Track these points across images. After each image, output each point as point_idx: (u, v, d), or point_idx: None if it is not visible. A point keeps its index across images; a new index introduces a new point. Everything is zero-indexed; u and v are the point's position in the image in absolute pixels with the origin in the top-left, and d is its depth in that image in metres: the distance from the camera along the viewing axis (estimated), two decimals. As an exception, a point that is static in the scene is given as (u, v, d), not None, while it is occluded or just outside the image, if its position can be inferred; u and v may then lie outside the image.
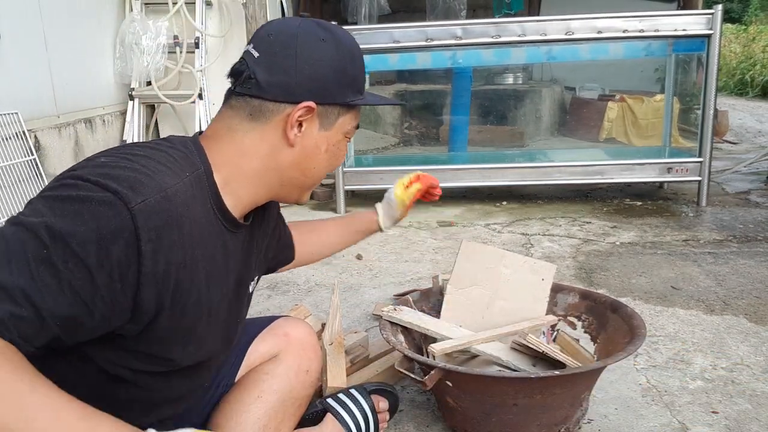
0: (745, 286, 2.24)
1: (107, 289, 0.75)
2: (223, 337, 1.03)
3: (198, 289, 0.88)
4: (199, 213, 0.87)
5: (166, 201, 0.80)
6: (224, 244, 0.95)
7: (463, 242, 1.67)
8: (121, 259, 0.75)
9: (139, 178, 0.79)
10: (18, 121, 2.73)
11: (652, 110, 5.31)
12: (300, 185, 1.03)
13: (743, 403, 1.51)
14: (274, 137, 0.96)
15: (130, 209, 0.75)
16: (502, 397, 1.27)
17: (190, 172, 0.88)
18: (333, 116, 0.98)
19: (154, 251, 0.78)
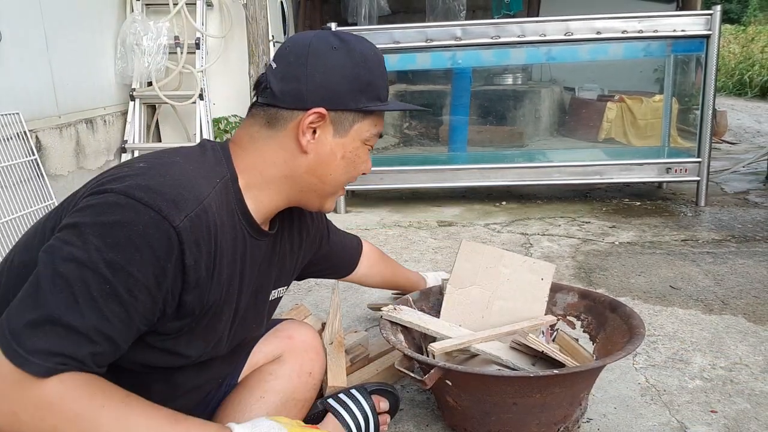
0: (743, 286, 2.25)
1: (164, 300, 0.83)
2: (239, 336, 1.07)
3: (220, 291, 0.92)
4: (226, 219, 0.91)
5: (204, 213, 0.85)
6: (245, 249, 0.98)
7: (462, 242, 1.68)
8: (173, 273, 0.82)
9: (179, 192, 0.83)
10: (19, 121, 2.74)
11: (651, 110, 5.31)
12: (319, 192, 1.03)
13: (742, 402, 1.52)
14: (290, 144, 0.98)
15: (176, 228, 0.80)
16: (502, 396, 1.27)
17: (220, 178, 0.92)
18: (347, 122, 1.00)
19: (196, 261, 0.84)
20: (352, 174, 1.04)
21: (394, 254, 2.74)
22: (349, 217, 3.40)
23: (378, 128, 1.05)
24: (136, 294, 0.79)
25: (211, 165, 0.94)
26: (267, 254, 1.07)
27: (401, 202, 3.69)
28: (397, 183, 3.53)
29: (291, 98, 0.96)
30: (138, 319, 0.81)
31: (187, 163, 0.90)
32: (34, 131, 2.88)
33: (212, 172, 0.92)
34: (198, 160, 0.93)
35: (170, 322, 0.88)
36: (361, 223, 3.28)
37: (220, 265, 0.90)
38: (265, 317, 1.16)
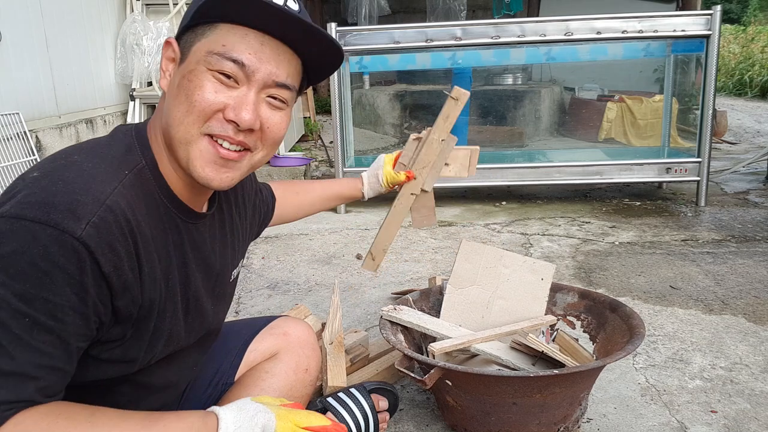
0: (743, 286, 2.25)
1: (95, 313, 0.77)
2: (198, 327, 1.01)
3: (156, 288, 0.86)
4: (146, 211, 0.84)
5: (110, 212, 0.77)
6: (181, 237, 0.92)
7: (462, 242, 1.68)
8: (94, 285, 0.75)
9: (75, 198, 0.75)
10: (19, 121, 2.74)
11: (651, 110, 5.31)
12: (170, 140, 0.87)
13: (742, 402, 1.52)
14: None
15: (79, 239, 0.73)
16: (502, 396, 1.27)
17: (129, 169, 0.84)
18: (188, 45, 0.86)
19: (116, 266, 0.77)
20: (186, 105, 0.83)
21: (394, 254, 2.74)
22: (349, 217, 3.40)
23: (221, 46, 0.83)
24: (61, 317, 0.73)
25: (118, 156, 0.85)
26: (216, 235, 1.01)
27: (401, 202, 3.68)
28: (397, 183, 3.52)
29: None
30: (74, 339, 0.76)
31: (86, 161, 0.81)
32: (35, 131, 2.88)
33: (120, 164, 0.83)
34: (101, 154, 0.84)
35: (112, 329, 0.82)
36: (361, 223, 3.28)
37: (149, 261, 0.83)
38: (229, 298, 1.12)
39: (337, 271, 2.54)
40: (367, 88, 6.19)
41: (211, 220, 1.00)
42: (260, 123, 0.87)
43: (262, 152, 0.91)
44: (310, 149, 5.21)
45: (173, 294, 0.91)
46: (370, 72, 5.95)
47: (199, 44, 0.84)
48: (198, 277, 0.97)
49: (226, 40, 0.83)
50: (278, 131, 0.90)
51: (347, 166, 3.53)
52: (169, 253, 0.89)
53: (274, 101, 0.88)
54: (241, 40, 0.83)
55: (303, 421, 0.91)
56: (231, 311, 2.14)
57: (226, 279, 1.07)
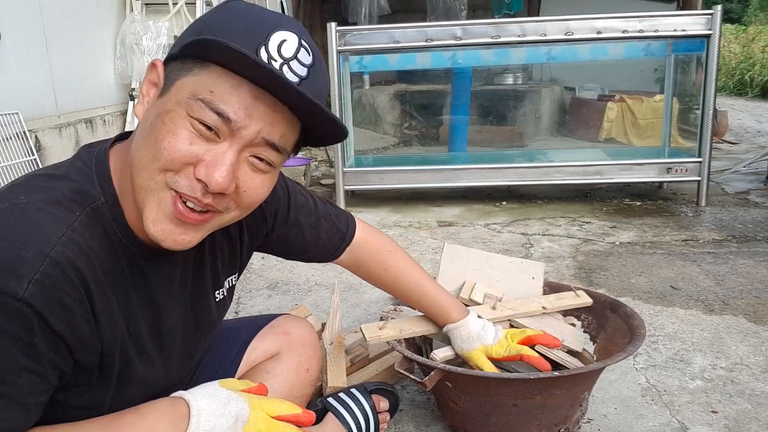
0: (744, 286, 2.24)
1: (53, 367, 0.73)
2: (180, 358, 0.96)
3: (119, 332, 0.80)
4: (102, 253, 0.76)
5: (55, 266, 0.69)
6: (146, 275, 0.84)
7: (445, 245, 1.66)
8: (46, 344, 0.70)
9: (15, 253, 0.68)
10: (18, 121, 2.73)
11: (652, 110, 5.31)
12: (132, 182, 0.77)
13: (743, 402, 1.52)
14: None
15: (21, 299, 0.67)
16: (502, 397, 1.27)
17: (81, 209, 0.75)
18: (173, 75, 0.75)
19: (68, 322, 0.71)
20: (153, 149, 0.73)
21: (394, 254, 2.73)
22: (349, 217, 3.39)
23: (209, 93, 0.71)
24: (13, 381, 0.69)
25: (70, 193, 0.76)
26: (190, 262, 0.93)
27: (401, 202, 3.68)
28: (397, 183, 3.52)
29: None
30: (31, 398, 0.71)
31: (32, 203, 0.73)
32: (34, 131, 2.88)
33: (72, 203, 0.75)
34: (51, 192, 0.75)
35: (78, 375, 0.77)
36: (361, 223, 3.27)
37: (106, 308, 0.77)
38: (215, 320, 1.04)
39: (337, 272, 2.53)
40: (367, 88, 6.19)
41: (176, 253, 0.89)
42: (236, 185, 0.75)
43: (236, 212, 0.80)
44: (310, 149, 5.20)
45: (138, 338, 0.84)
46: (370, 72, 5.95)
47: (184, 80, 0.73)
48: (172, 311, 0.91)
49: (216, 86, 0.71)
50: (256, 196, 0.79)
51: (347, 166, 3.53)
52: (129, 294, 0.82)
53: (258, 163, 0.76)
54: (231, 91, 0.71)
55: (274, 409, 0.89)
56: (231, 311, 2.14)
57: (208, 304, 1.00)
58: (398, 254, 1.32)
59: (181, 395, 0.85)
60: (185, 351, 0.98)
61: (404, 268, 1.31)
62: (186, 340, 0.97)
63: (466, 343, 1.31)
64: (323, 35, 3.31)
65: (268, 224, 1.12)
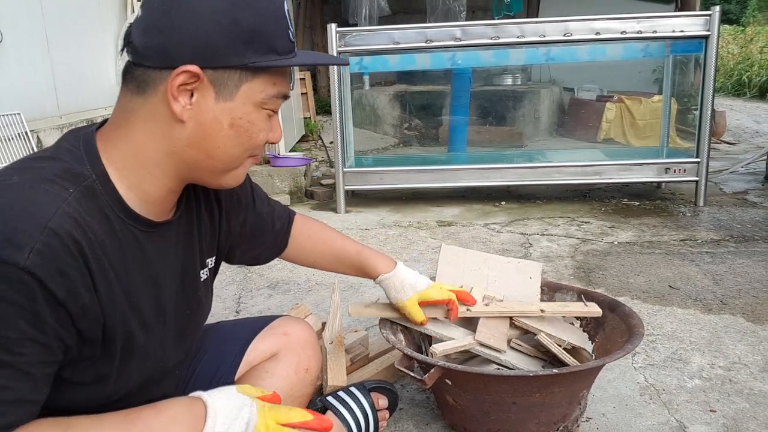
0: (742, 286, 2.26)
1: (57, 338, 0.74)
2: (173, 336, 0.98)
3: (116, 307, 0.82)
4: (98, 228, 0.79)
5: (54, 236, 0.72)
6: (140, 249, 0.87)
7: (442, 246, 1.67)
8: (49, 312, 0.72)
9: (13, 225, 0.70)
10: (20, 121, 2.74)
11: (650, 111, 5.33)
12: (209, 168, 0.87)
13: (741, 401, 1.52)
14: (163, 113, 0.81)
15: (23, 268, 0.69)
16: (501, 395, 1.28)
17: (74, 187, 0.78)
18: (232, 83, 0.81)
19: (69, 290, 0.73)
20: (247, 145, 0.87)
21: (393, 254, 2.74)
22: (349, 217, 3.40)
23: (278, 88, 0.85)
24: (19, 350, 0.70)
25: (61, 172, 0.78)
26: (181, 237, 0.97)
27: (401, 202, 3.69)
28: (397, 183, 3.53)
29: (156, 54, 0.79)
30: (37, 369, 0.73)
31: (25, 183, 0.75)
32: (36, 131, 2.89)
33: (65, 181, 0.77)
34: (42, 172, 0.77)
35: (82, 349, 0.79)
36: (361, 223, 3.29)
37: (105, 280, 0.79)
38: (205, 301, 1.08)
39: (337, 271, 2.54)
40: (367, 89, 6.20)
41: (177, 223, 0.96)
42: None
43: None
44: (311, 149, 5.21)
45: (138, 311, 0.87)
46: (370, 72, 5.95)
47: (248, 85, 0.83)
48: (167, 286, 0.94)
49: (276, 79, 0.86)
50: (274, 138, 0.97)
51: (347, 167, 3.54)
52: (128, 269, 0.84)
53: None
54: (283, 78, 0.88)
55: (283, 417, 0.89)
56: (231, 311, 2.15)
57: (197, 281, 1.03)
58: (318, 223, 1.41)
59: (199, 395, 0.86)
60: (178, 327, 0.99)
61: (328, 234, 1.38)
62: (178, 317, 0.99)
63: (400, 292, 1.34)
64: (323, 36, 3.32)
65: (242, 208, 1.18)
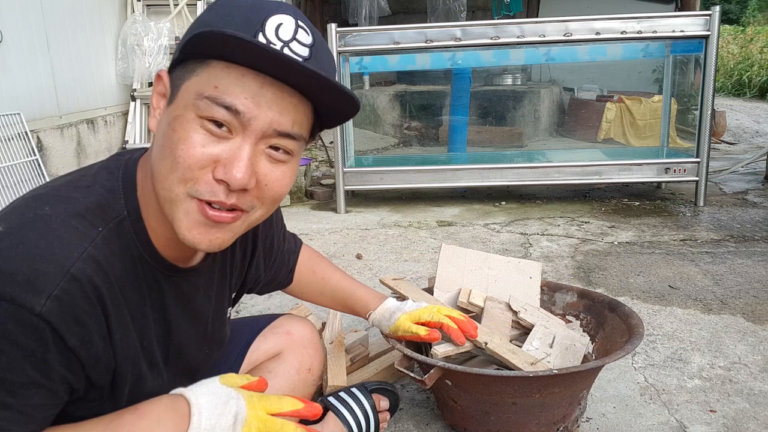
0: (742, 286, 2.26)
1: (64, 382, 0.73)
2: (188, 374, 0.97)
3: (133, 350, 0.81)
4: (121, 269, 0.76)
5: (74, 282, 0.69)
6: (162, 292, 0.84)
7: (443, 245, 1.67)
8: (59, 359, 0.70)
9: (36, 267, 0.67)
10: (20, 121, 2.74)
11: (650, 111, 5.33)
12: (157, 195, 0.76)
13: (741, 401, 1.52)
14: None
15: (39, 315, 0.66)
16: (501, 395, 1.28)
17: (104, 225, 0.75)
18: (178, 81, 0.74)
19: (83, 339, 0.71)
20: (168, 160, 0.72)
21: (393, 254, 2.74)
22: (349, 217, 3.40)
23: (213, 89, 0.70)
24: (23, 393, 0.68)
25: (95, 206, 0.75)
26: (213, 280, 0.95)
27: (401, 202, 3.69)
28: (397, 183, 3.53)
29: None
30: (39, 411, 0.71)
31: (56, 215, 0.72)
32: (35, 131, 2.89)
33: (96, 218, 0.74)
34: (76, 204, 0.74)
35: (89, 392, 0.78)
36: (361, 223, 3.29)
37: (122, 325, 0.77)
38: (225, 337, 1.07)
39: (337, 271, 2.54)
40: (367, 89, 6.20)
41: (209, 267, 0.93)
42: (257, 180, 0.74)
43: (261, 211, 0.79)
44: (310, 149, 5.21)
45: (150, 353, 0.85)
46: (370, 72, 5.97)
47: (189, 83, 0.72)
48: (184, 328, 0.92)
49: (219, 81, 0.70)
50: (279, 189, 0.77)
51: (347, 167, 3.54)
52: (145, 311, 0.82)
53: (275, 153, 0.75)
54: (236, 83, 0.70)
55: (274, 406, 0.86)
56: (231, 311, 2.14)
57: (223, 322, 1.02)
58: (319, 258, 1.37)
59: (181, 392, 0.84)
60: (193, 365, 0.99)
61: (328, 272, 1.35)
62: (196, 357, 0.98)
63: (388, 320, 1.32)
64: (323, 36, 3.32)
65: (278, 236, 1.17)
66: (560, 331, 1.47)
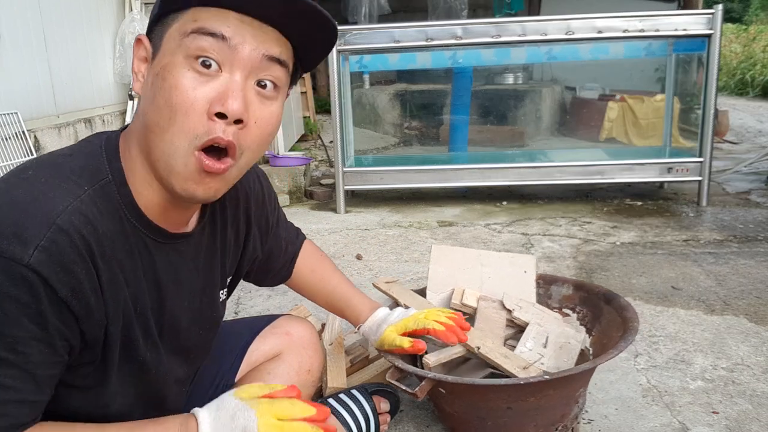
0: (745, 286, 2.24)
1: (62, 338, 0.73)
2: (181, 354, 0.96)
3: (125, 312, 0.81)
4: (111, 228, 0.77)
5: (61, 233, 0.70)
6: (153, 258, 0.84)
7: (433, 247, 1.65)
8: (52, 311, 0.70)
9: (20, 219, 0.68)
10: (18, 121, 2.73)
11: (653, 110, 5.30)
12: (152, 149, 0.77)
13: (744, 403, 1.51)
14: None
15: (27, 265, 0.67)
16: (496, 402, 1.26)
17: (90, 185, 0.76)
18: (158, 36, 0.77)
19: (74, 289, 0.72)
20: (165, 111, 0.73)
21: (394, 254, 2.73)
22: (349, 217, 3.39)
23: (194, 21, 0.73)
24: (22, 350, 0.69)
25: (78, 169, 0.76)
26: (201, 253, 0.94)
27: (401, 202, 3.68)
28: (397, 183, 3.52)
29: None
30: (42, 369, 0.72)
31: (40, 177, 0.74)
32: (33, 131, 2.88)
33: (80, 178, 0.75)
34: (59, 167, 0.76)
35: (83, 352, 0.78)
36: (361, 223, 3.27)
37: (113, 282, 0.77)
38: (217, 319, 1.06)
39: (336, 271, 2.53)
40: (367, 88, 6.18)
41: (198, 238, 0.93)
42: (248, 116, 0.76)
43: (248, 153, 0.80)
44: (310, 149, 5.20)
45: (143, 319, 0.85)
46: (370, 71, 5.95)
47: (170, 30, 0.75)
48: (177, 302, 0.91)
49: (200, 15, 0.73)
50: (267, 128, 0.79)
51: (347, 166, 3.52)
52: (138, 275, 0.82)
53: (264, 90, 0.77)
54: (217, 17, 0.73)
55: (286, 412, 0.84)
56: (230, 312, 2.13)
57: (215, 301, 1.01)
58: (321, 257, 1.36)
59: (194, 411, 0.84)
60: (187, 345, 0.98)
61: (328, 272, 1.34)
62: (189, 336, 0.97)
63: (375, 334, 1.29)
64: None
65: (269, 231, 1.15)
66: (555, 329, 1.45)
